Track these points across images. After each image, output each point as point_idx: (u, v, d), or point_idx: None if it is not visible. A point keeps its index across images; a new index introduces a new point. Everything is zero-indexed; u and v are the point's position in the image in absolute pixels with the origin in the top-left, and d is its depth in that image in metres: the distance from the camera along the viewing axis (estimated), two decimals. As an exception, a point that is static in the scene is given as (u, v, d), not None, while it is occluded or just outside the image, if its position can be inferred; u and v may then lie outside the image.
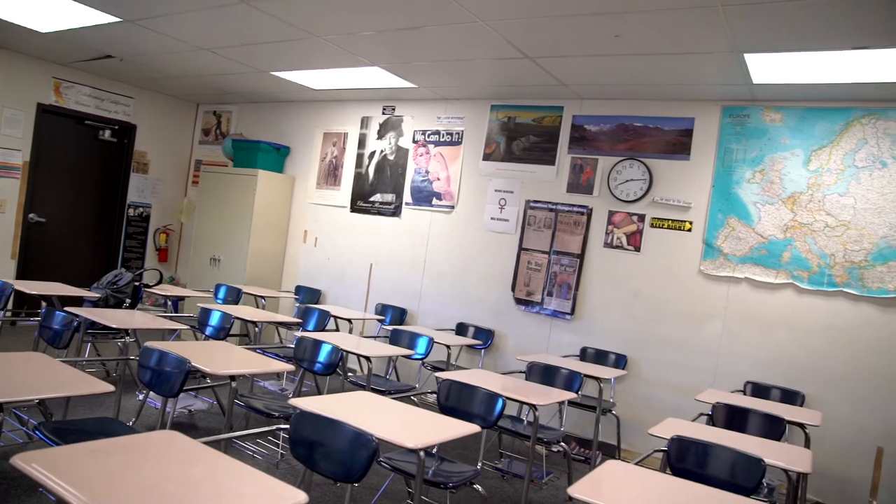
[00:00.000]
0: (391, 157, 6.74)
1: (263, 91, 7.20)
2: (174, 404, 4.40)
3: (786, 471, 3.02)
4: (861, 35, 3.56)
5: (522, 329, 5.79)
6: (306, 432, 2.58)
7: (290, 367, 3.59)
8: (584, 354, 5.41)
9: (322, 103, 7.33)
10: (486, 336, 5.82)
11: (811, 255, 4.67)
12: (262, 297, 6.25)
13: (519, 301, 5.81)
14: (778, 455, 3.08)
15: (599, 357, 5.32)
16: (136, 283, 5.62)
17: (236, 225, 7.23)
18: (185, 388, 3.21)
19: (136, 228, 8.10)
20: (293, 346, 4.34)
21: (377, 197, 6.80)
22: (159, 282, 5.99)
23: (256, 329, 5.15)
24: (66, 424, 3.00)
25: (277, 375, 5.85)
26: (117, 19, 5.03)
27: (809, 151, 4.72)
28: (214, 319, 4.83)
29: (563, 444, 4.09)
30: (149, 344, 3.37)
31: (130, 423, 4.19)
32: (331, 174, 7.22)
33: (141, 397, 4.74)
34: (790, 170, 4.77)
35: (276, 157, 7.50)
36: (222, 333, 4.73)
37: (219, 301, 6.26)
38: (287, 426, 2.73)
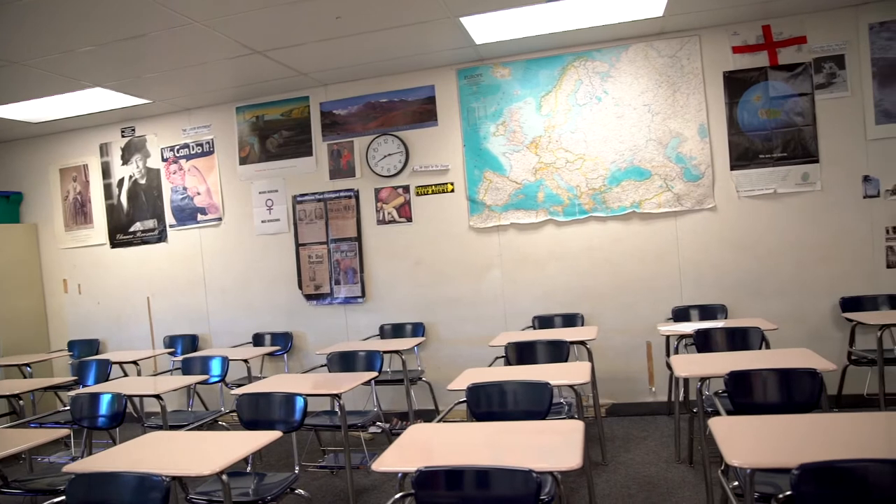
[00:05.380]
0: (142, 182, 6.26)
1: (-29, 136, 6.30)
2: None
3: (571, 386, 3.33)
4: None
5: (319, 323, 5.75)
6: (85, 496, 2.34)
7: (63, 431, 3.22)
8: (382, 332, 5.52)
9: (51, 137, 6.57)
10: (284, 340, 5.69)
11: (561, 190, 5.13)
12: (27, 365, 5.54)
13: (309, 297, 5.75)
14: (562, 374, 3.38)
15: (397, 331, 5.46)
16: None
17: (-25, 292, 6.29)
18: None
19: None
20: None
21: (137, 226, 6.29)
22: None
23: (20, 402, 4.55)
24: None
25: (65, 444, 5.24)
26: None
27: (539, 98, 5.16)
28: (-36, 405, 4.19)
29: (379, 423, 4.14)
30: None
31: None
32: (79, 212, 6.54)
33: None
34: (527, 117, 5.19)
35: (5, 206, 6.62)
36: (-22, 418, 4.12)
37: (-29, 382, 5.43)
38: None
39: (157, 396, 3.94)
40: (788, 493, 1.86)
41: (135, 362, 5.32)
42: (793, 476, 1.83)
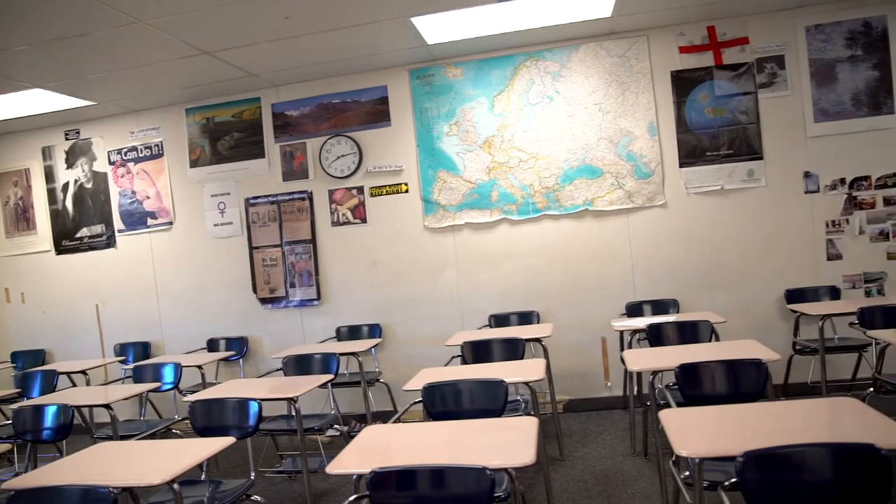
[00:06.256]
0: (89, 186, 6.08)
1: None
2: None
3: (526, 383, 3.36)
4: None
5: (275, 327, 5.67)
6: (27, 512, 2.26)
7: (4, 446, 3.11)
8: (339, 334, 5.48)
9: (-13, 140, 6.35)
10: (239, 345, 5.60)
11: (514, 188, 5.17)
12: (-33, 378, 5.34)
13: (264, 300, 5.67)
14: (517, 372, 3.40)
15: (354, 333, 5.42)
16: None
17: (-89, 304, 6.03)
18: None
19: None
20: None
21: (84, 231, 6.11)
22: None
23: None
24: None
25: (8, 460, 5.06)
26: None
27: (492, 98, 5.19)
28: None
29: (337, 426, 4.11)
30: None
31: None
32: (21, 218, 6.32)
33: None
34: (480, 117, 5.21)
35: (-57, 213, 6.36)
36: None
37: None
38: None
39: (107, 406, 3.83)
40: (734, 479, 1.91)
41: (83, 372, 5.16)
42: (737, 463, 1.88)
